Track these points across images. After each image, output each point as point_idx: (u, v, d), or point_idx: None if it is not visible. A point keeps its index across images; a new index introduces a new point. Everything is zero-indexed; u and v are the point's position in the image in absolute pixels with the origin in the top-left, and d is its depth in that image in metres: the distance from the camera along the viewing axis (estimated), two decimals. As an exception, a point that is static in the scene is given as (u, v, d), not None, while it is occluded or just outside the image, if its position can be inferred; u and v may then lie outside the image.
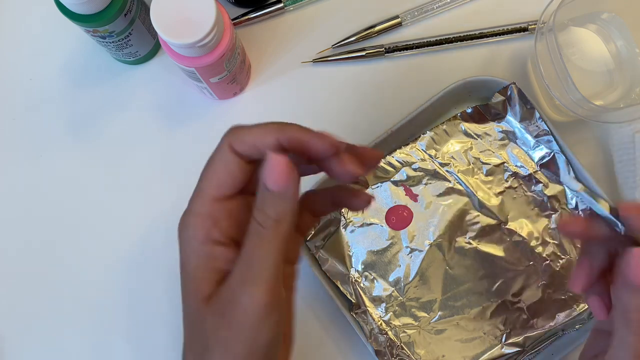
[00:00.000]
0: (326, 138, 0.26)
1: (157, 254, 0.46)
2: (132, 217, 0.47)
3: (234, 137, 0.27)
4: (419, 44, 0.48)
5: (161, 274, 0.46)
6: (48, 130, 0.48)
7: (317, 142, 0.26)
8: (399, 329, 0.44)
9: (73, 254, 0.46)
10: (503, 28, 0.48)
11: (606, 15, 0.48)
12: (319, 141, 0.26)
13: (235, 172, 0.27)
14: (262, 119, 0.28)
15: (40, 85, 0.48)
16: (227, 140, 0.27)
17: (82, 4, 0.38)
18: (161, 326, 0.45)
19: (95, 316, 0.46)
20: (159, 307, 0.46)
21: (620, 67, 0.48)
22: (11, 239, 0.47)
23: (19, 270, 0.46)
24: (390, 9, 0.48)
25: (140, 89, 0.48)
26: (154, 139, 0.48)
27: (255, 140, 0.26)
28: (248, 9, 0.48)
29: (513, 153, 0.45)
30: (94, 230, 0.47)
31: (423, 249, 0.45)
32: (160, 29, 0.36)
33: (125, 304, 0.46)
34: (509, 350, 0.44)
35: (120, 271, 0.46)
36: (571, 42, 0.48)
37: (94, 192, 0.47)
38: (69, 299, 0.46)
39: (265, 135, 0.26)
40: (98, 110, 0.48)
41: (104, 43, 0.43)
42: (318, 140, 0.26)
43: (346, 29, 0.48)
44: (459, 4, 0.49)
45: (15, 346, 0.45)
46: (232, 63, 0.41)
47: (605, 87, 0.48)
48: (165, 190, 0.47)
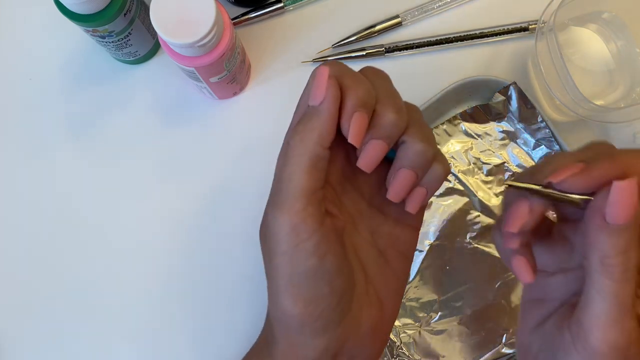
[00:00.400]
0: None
1: (157, 254, 0.46)
2: (132, 217, 0.47)
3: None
4: (419, 43, 0.48)
5: (161, 273, 0.46)
6: (47, 130, 0.48)
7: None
8: (399, 329, 0.44)
9: (72, 254, 0.46)
10: (503, 28, 0.48)
11: (607, 15, 0.48)
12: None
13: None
14: (262, 118, 0.28)
15: (40, 85, 0.48)
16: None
17: (81, 3, 0.37)
18: (161, 326, 0.45)
19: (95, 316, 0.46)
20: (159, 307, 0.46)
21: (621, 67, 0.48)
22: (11, 238, 0.47)
23: (18, 270, 0.46)
24: (390, 8, 0.48)
25: (139, 89, 0.48)
26: (153, 138, 0.47)
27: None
28: (248, 9, 0.48)
29: (513, 153, 0.45)
30: (93, 230, 0.47)
31: (423, 249, 0.44)
32: (160, 29, 0.36)
33: (125, 303, 0.46)
34: (509, 350, 0.43)
35: (120, 271, 0.46)
36: (572, 41, 0.48)
37: (93, 192, 0.47)
38: (68, 298, 0.46)
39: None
40: (97, 110, 0.48)
41: (103, 43, 0.43)
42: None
43: (346, 28, 0.48)
44: (459, 4, 0.48)
45: (15, 346, 0.45)
46: (232, 63, 0.41)
47: (606, 87, 0.48)
48: (165, 190, 0.47)
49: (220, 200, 0.46)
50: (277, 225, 0.25)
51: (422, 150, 0.26)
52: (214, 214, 0.46)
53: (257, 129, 0.47)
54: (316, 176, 0.25)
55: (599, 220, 0.23)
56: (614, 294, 0.23)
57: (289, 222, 0.25)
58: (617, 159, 0.23)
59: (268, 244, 0.26)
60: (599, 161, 0.23)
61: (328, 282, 0.26)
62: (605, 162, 0.23)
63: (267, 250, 0.26)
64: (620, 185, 0.22)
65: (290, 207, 0.25)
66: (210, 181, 0.47)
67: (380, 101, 0.26)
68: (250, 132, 0.47)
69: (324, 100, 0.25)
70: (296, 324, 0.26)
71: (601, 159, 0.23)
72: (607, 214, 0.22)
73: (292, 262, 0.25)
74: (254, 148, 0.47)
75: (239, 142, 0.47)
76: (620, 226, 0.22)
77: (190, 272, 0.46)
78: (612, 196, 0.22)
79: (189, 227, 0.46)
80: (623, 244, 0.22)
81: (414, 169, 0.26)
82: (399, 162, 0.26)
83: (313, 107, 0.25)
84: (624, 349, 0.23)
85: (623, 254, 0.22)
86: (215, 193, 0.47)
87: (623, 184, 0.22)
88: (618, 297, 0.23)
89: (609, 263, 0.23)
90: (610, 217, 0.22)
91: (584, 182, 0.23)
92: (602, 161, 0.23)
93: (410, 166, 0.26)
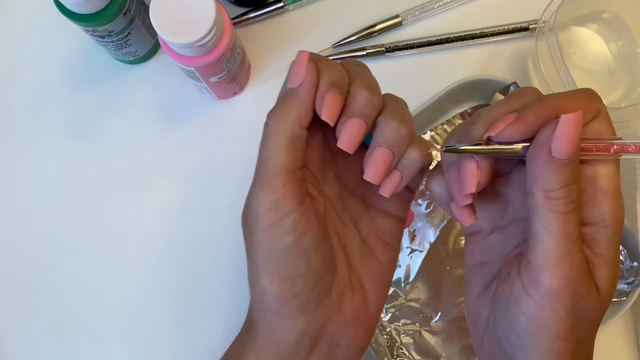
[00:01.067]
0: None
1: (157, 253, 0.46)
2: (132, 217, 0.47)
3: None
4: (420, 43, 0.47)
5: (161, 272, 0.46)
6: (47, 130, 0.47)
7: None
8: (399, 329, 0.44)
9: (72, 254, 0.46)
10: (504, 27, 0.48)
11: (607, 15, 0.48)
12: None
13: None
14: (262, 118, 0.27)
15: (39, 85, 0.48)
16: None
17: (81, 3, 0.37)
18: (161, 326, 0.45)
19: (95, 316, 0.46)
20: (159, 307, 0.46)
21: (622, 66, 0.48)
22: (10, 238, 0.47)
23: (18, 270, 0.46)
24: (390, 8, 0.48)
25: (139, 89, 0.48)
26: (153, 138, 0.47)
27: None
28: (248, 9, 0.48)
29: (514, 153, 0.45)
30: (93, 230, 0.46)
31: (424, 250, 0.44)
32: (160, 29, 0.36)
33: (125, 304, 0.46)
34: (510, 350, 0.43)
35: (119, 271, 0.46)
36: (572, 41, 0.48)
37: (92, 192, 0.47)
38: (68, 298, 0.46)
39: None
40: (97, 110, 0.48)
41: (103, 42, 0.43)
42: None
43: (346, 28, 0.48)
44: (459, 4, 0.48)
45: (15, 346, 0.45)
46: (232, 63, 0.41)
47: (606, 87, 0.48)
48: (165, 190, 0.47)
49: (219, 200, 0.46)
50: (258, 202, 0.26)
51: (397, 127, 0.26)
52: (213, 213, 0.46)
53: (257, 129, 0.47)
54: (294, 155, 0.26)
55: (545, 155, 0.23)
56: (560, 227, 0.23)
57: (269, 197, 0.25)
58: (547, 102, 0.24)
59: (248, 222, 0.27)
60: (531, 107, 0.24)
61: (306, 260, 0.26)
62: (537, 107, 0.24)
63: (248, 229, 0.27)
64: (567, 118, 0.23)
65: (270, 183, 0.26)
66: (210, 181, 0.47)
67: (354, 83, 0.27)
68: (250, 132, 0.47)
69: (303, 81, 0.26)
70: (273, 302, 0.26)
71: (532, 104, 0.24)
72: (553, 148, 0.23)
73: (270, 238, 0.26)
74: (253, 148, 0.47)
75: (239, 141, 0.47)
76: (564, 160, 0.23)
77: (190, 272, 0.46)
78: (560, 129, 0.23)
79: (189, 226, 0.46)
80: (567, 177, 0.23)
81: (389, 146, 0.26)
82: (375, 141, 0.27)
83: (291, 88, 0.26)
84: (575, 283, 0.23)
85: (567, 187, 0.23)
86: (215, 193, 0.47)
87: (571, 116, 0.23)
88: (564, 230, 0.23)
89: (553, 196, 0.23)
90: (556, 151, 0.23)
91: (521, 129, 0.24)
92: (534, 106, 0.24)
93: (385, 143, 0.26)
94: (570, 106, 0.24)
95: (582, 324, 0.24)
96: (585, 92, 0.25)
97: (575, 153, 0.23)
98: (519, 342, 0.25)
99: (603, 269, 0.24)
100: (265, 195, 0.26)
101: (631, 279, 0.43)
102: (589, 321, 0.25)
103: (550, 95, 0.25)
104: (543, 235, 0.23)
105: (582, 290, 0.24)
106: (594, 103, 0.24)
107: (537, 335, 0.24)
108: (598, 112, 0.24)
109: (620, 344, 0.46)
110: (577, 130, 0.23)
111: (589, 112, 0.24)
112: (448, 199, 0.27)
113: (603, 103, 0.25)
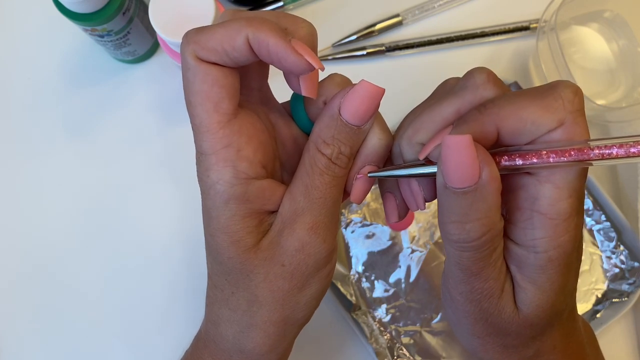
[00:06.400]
0: (303, 58, 0.22)
1: (157, 253, 0.46)
2: (131, 216, 0.46)
3: (196, 46, 0.23)
4: (420, 42, 0.47)
5: (161, 272, 0.46)
6: (46, 129, 0.47)
7: (293, 61, 0.22)
8: (399, 329, 0.43)
9: (71, 254, 0.46)
10: (504, 27, 0.47)
11: (608, 14, 0.48)
12: (296, 60, 0.22)
13: (224, 83, 0.23)
14: (261, 118, 0.27)
15: (39, 84, 0.48)
16: (190, 52, 0.23)
17: (80, 2, 0.37)
18: (161, 326, 0.45)
19: (94, 317, 0.45)
20: (159, 307, 0.45)
21: (623, 66, 0.48)
22: (9, 238, 0.46)
23: (17, 270, 0.46)
24: (391, 7, 0.48)
25: (138, 88, 0.48)
26: (152, 137, 0.47)
27: (222, 45, 0.22)
28: (247, 8, 0.48)
29: (514, 153, 0.45)
30: (92, 230, 0.46)
31: (424, 250, 0.44)
32: (159, 28, 0.36)
33: (124, 304, 0.46)
34: (510, 351, 0.43)
35: (118, 271, 0.46)
36: (573, 41, 0.48)
37: (91, 192, 0.47)
38: (67, 299, 0.46)
39: (232, 37, 0.22)
40: (96, 109, 0.48)
41: (102, 42, 0.43)
42: (295, 60, 0.22)
43: (347, 27, 0.48)
44: (460, 3, 0.48)
45: (15, 346, 0.45)
46: (232, 62, 0.41)
47: (607, 86, 0.48)
48: (164, 189, 0.46)
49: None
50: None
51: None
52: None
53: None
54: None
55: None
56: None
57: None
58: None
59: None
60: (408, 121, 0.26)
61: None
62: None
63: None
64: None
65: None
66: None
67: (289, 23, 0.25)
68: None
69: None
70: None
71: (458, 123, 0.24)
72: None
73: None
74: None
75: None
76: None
77: (190, 272, 0.46)
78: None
79: (188, 226, 0.46)
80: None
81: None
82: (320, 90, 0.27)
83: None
84: (479, 300, 0.24)
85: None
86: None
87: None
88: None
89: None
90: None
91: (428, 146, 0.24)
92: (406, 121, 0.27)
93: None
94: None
95: (506, 335, 0.24)
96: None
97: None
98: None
99: (529, 292, 0.23)
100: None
101: (632, 279, 0.43)
102: (511, 336, 0.24)
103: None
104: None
105: (491, 309, 0.23)
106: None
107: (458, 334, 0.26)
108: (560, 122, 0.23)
109: (622, 344, 0.46)
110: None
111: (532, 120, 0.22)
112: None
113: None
